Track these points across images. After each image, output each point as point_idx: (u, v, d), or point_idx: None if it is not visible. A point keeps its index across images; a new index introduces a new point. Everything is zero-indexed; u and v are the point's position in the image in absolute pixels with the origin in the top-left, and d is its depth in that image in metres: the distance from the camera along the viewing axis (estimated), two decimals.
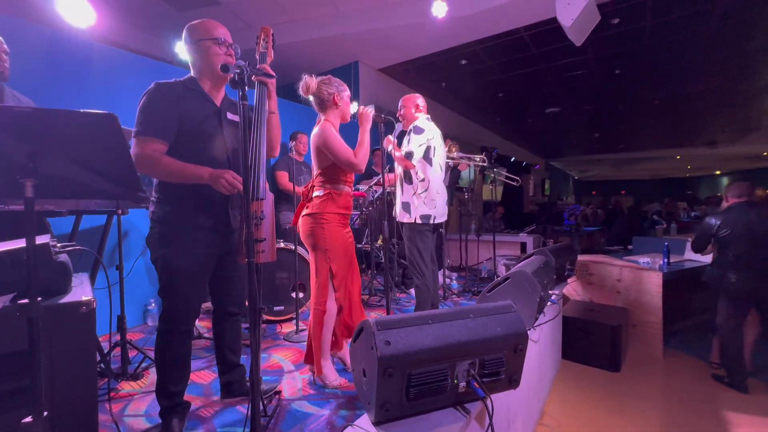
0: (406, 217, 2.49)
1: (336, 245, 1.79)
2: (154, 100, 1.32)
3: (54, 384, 1.03)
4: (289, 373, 2.01)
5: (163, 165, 1.28)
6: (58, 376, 1.04)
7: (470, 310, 1.31)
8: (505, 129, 9.99)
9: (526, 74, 5.88)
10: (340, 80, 1.87)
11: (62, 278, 1.13)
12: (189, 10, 4.13)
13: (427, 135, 2.43)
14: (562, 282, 3.08)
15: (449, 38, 4.57)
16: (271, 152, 1.60)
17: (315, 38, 4.47)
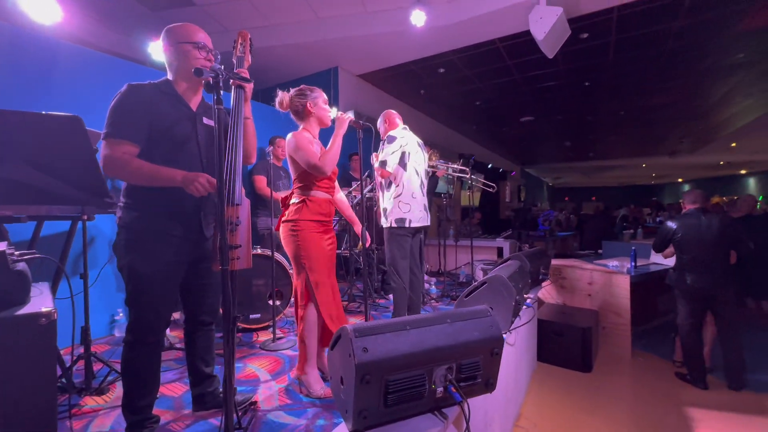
0: (384, 222, 2.56)
1: (311, 252, 1.77)
2: (126, 102, 1.27)
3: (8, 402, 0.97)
4: (265, 382, 1.96)
5: (134, 167, 1.24)
6: (14, 394, 0.98)
7: (447, 314, 1.32)
8: (482, 136, 10.24)
9: (501, 84, 6.07)
10: (312, 87, 1.88)
11: (19, 288, 1.06)
12: (163, 11, 4.02)
13: (400, 142, 2.52)
14: (536, 286, 3.17)
15: (428, 47, 4.66)
16: (247, 159, 1.58)
17: (294, 43, 4.45)
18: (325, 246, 1.82)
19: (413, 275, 2.81)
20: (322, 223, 1.83)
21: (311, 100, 1.85)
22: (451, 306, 3.42)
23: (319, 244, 1.80)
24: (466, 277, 4.60)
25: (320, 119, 1.87)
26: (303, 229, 1.77)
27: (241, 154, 1.42)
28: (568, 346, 3.23)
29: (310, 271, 1.77)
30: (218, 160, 1.04)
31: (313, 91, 1.86)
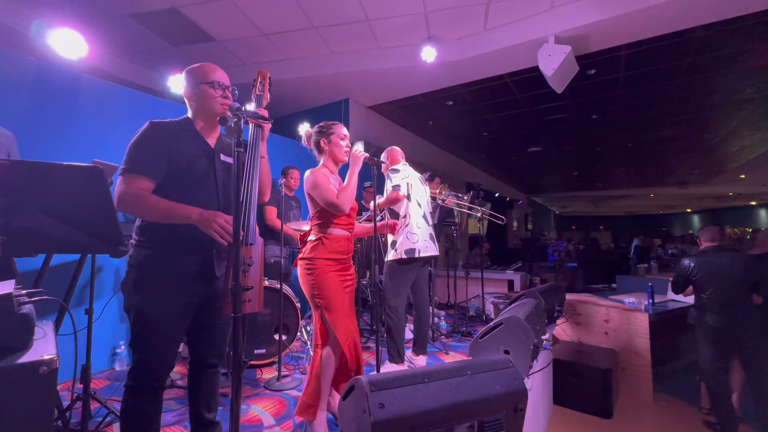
0: (391, 254, 2.56)
1: (327, 291, 1.72)
2: (146, 138, 1.28)
3: None
4: (269, 428, 1.85)
5: (149, 204, 1.22)
6: None
7: (467, 365, 1.24)
8: (490, 166, 10.30)
9: (510, 116, 6.15)
10: (331, 123, 1.88)
11: (23, 333, 1.02)
12: (184, 45, 4.19)
13: (403, 173, 2.62)
14: (552, 324, 3.05)
15: (437, 81, 4.77)
16: (261, 197, 1.56)
17: (307, 76, 4.58)
18: (341, 285, 1.77)
19: (421, 310, 2.74)
20: (340, 262, 1.79)
21: (325, 138, 1.86)
22: (463, 343, 3.29)
23: (336, 283, 1.74)
24: (476, 311, 4.46)
25: (334, 156, 1.87)
26: (319, 268, 1.72)
27: (257, 192, 1.41)
28: (586, 388, 3.06)
29: (326, 311, 1.71)
30: (234, 202, 1.01)
31: (330, 127, 1.87)
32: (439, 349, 3.09)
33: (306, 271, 1.74)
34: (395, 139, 6.27)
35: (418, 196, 2.69)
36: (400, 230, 2.57)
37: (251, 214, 1.35)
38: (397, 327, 2.50)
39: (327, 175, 1.79)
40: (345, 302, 1.77)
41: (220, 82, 1.44)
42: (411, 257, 2.52)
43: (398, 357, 2.52)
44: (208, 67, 1.46)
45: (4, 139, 1.67)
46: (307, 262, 1.75)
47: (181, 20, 3.74)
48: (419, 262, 2.63)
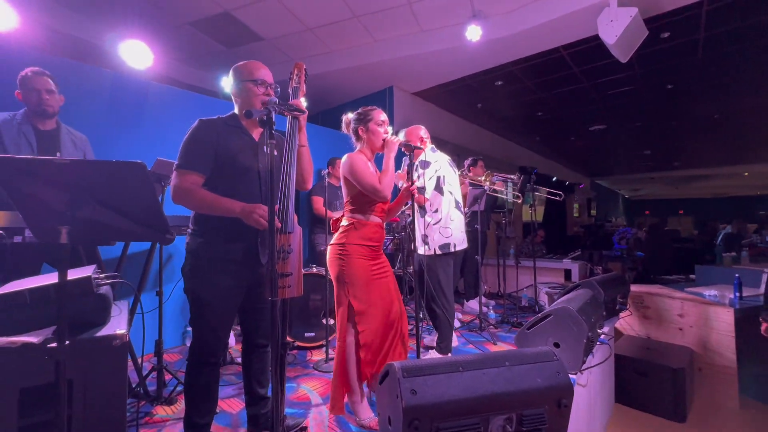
0: (424, 249, 2.47)
1: (356, 278, 1.73)
2: (195, 136, 1.38)
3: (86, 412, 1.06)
4: (316, 406, 1.96)
5: (198, 197, 1.33)
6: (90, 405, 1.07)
7: (506, 356, 1.20)
8: (546, 148, 9.64)
9: (567, 93, 5.67)
10: (369, 109, 1.87)
11: (101, 310, 1.18)
12: (237, 47, 4.44)
13: (434, 167, 2.47)
14: (612, 317, 2.81)
15: (484, 60, 4.53)
16: (303, 185, 1.62)
17: (351, 67, 4.61)
18: (370, 273, 1.77)
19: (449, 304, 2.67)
20: (371, 248, 1.80)
21: (363, 125, 1.86)
22: (512, 334, 3.17)
23: (365, 270, 1.75)
24: (528, 301, 4.26)
25: (371, 143, 1.86)
26: (350, 254, 1.75)
27: (294, 182, 1.46)
28: (655, 388, 2.79)
29: (353, 299, 1.73)
30: (270, 191, 1.06)
31: (367, 114, 1.86)
32: (487, 339, 3.01)
33: (336, 256, 1.76)
34: (441, 125, 6.11)
35: (451, 187, 2.53)
36: (431, 225, 2.46)
37: (289, 203, 1.41)
38: (445, 319, 2.46)
39: (365, 160, 1.80)
40: (373, 290, 1.75)
41: (263, 80, 1.50)
42: (446, 252, 2.44)
43: (446, 348, 2.50)
44: (253, 65, 1.53)
45: (80, 141, 1.93)
46: (338, 248, 1.77)
47: (233, 23, 3.95)
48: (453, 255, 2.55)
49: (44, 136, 1.81)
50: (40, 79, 1.82)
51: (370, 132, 1.84)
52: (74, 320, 1.10)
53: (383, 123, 1.86)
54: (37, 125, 1.83)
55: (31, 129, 1.81)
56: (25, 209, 0.70)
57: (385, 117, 1.88)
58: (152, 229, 0.82)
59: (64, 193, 0.69)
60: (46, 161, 0.67)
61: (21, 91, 1.80)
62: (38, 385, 0.99)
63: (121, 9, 3.51)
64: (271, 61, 4.84)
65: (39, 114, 1.82)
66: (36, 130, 1.82)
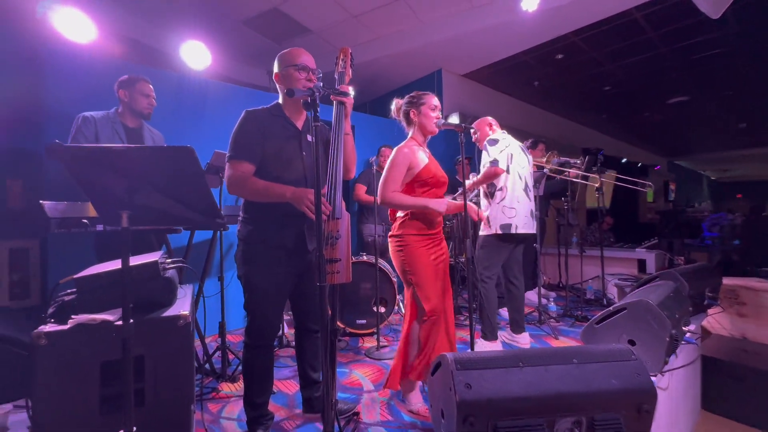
0: (486, 230, 2.43)
1: (417, 268, 1.70)
2: (243, 127, 1.42)
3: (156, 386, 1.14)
4: (368, 393, 1.96)
5: (250, 185, 1.36)
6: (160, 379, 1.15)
7: (574, 352, 1.07)
8: (614, 126, 8.73)
9: (640, 62, 5.04)
10: (422, 93, 1.81)
11: (167, 292, 1.26)
12: (286, 41, 4.55)
13: (502, 144, 2.41)
14: (700, 313, 2.46)
15: (541, 33, 4.16)
16: (347, 173, 1.60)
17: (397, 52, 4.50)
18: (431, 260, 1.72)
19: (514, 287, 2.54)
20: (429, 237, 1.75)
21: (415, 108, 1.79)
22: (576, 329, 2.92)
23: (426, 258, 1.71)
24: (595, 293, 3.91)
25: (423, 128, 1.79)
26: (409, 245, 1.71)
27: (342, 168, 1.44)
28: (751, 395, 2.41)
29: (418, 288, 1.71)
30: (316, 173, 1.04)
31: (420, 98, 1.80)
32: (548, 333, 2.81)
33: (396, 248, 1.75)
34: (495, 107, 5.79)
35: (520, 168, 2.47)
36: (494, 203, 2.40)
37: (337, 190, 1.39)
38: (487, 299, 2.39)
39: (408, 155, 1.72)
40: (436, 278, 1.72)
41: (304, 65, 1.49)
42: (507, 233, 2.35)
43: (490, 334, 2.39)
44: (295, 51, 1.52)
45: (158, 138, 2.10)
46: (397, 239, 1.75)
47: (281, 18, 4.05)
48: (515, 239, 2.42)
49: (132, 133, 2.01)
50: (148, 85, 2.03)
51: (422, 115, 1.77)
52: (143, 301, 1.19)
53: (436, 108, 1.79)
54: (127, 123, 2.02)
55: (121, 126, 2.00)
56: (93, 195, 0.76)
57: (438, 102, 1.81)
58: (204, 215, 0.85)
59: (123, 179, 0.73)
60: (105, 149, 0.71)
61: (127, 91, 1.98)
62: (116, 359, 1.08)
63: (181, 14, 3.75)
64: (319, 53, 4.89)
65: (145, 116, 2.03)
66: (126, 127, 2.01)
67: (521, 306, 2.55)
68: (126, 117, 2.01)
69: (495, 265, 2.44)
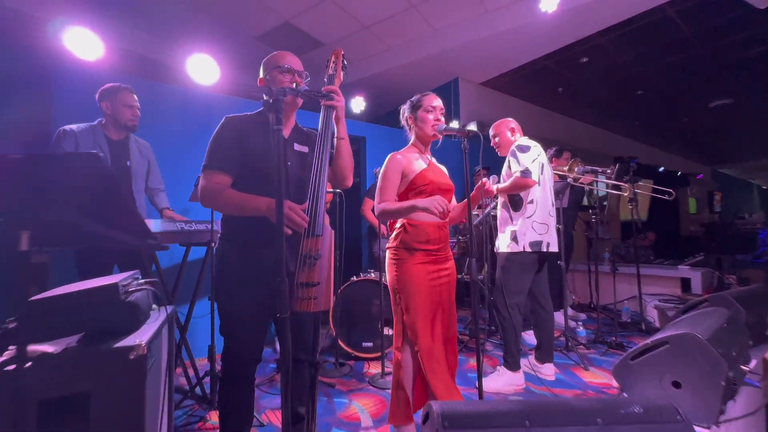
0: (507, 245, 2.17)
1: (409, 287, 1.50)
2: (220, 134, 1.30)
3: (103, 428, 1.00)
4: (365, 429, 1.75)
5: (224, 197, 1.23)
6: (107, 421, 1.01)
7: (599, 408, 0.84)
8: (649, 133, 8.19)
9: (675, 63, 4.67)
10: (422, 95, 1.65)
11: (129, 318, 1.13)
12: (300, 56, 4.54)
13: (534, 152, 2.15)
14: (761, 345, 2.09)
15: (563, 35, 3.93)
16: (343, 182, 1.45)
17: (411, 61, 4.39)
18: (428, 280, 1.52)
19: (542, 310, 2.27)
20: (429, 253, 1.55)
21: (412, 113, 1.64)
22: (610, 359, 2.58)
23: (421, 277, 1.51)
24: (631, 316, 3.52)
25: (420, 133, 1.64)
26: (403, 259, 1.53)
27: (325, 178, 1.29)
28: None
29: (406, 311, 1.50)
30: (278, 186, 0.89)
31: (419, 100, 1.64)
32: (576, 362, 2.49)
33: (391, 261, 1.58)
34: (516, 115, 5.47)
35: (549, 179, 2.29)
36: (522, 218, 2.15)
37: (319, 202, 1.24)
38: (512, 328, 2.11)
39: (401, 162, 1.56)
40: (430, 304, 1.51)
41: (289, 67, 1.37)
42: (537, 251, 2.11)
43: (514, 364, 2.12)
44: (280, 53, 1.42)
45: (144, 148, 2.04)
46: (392, 252, 1.58)
47: (294, 32, 4.05)
48: (545, 258, 2.19)
49: (115, 146, 1.95)
50: (131, 95, 1.97)
51: (419, 120, 1.62)
52: (99, 328, 1.06)
53: (434, 109, 1.61)
54: (110, 136, 1.95)
55: (104, 139, 1.93)
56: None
57: (438, 102, 1.63)
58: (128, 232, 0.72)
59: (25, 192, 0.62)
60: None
61: (109, 102, 1.92)
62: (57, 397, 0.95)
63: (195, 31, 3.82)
64: None
65: (129, 128, 1.96)
66: (109, 140, 1.95)
67: (551, 332, 2.27)
68: (109, 129, 1.94)
69: (522, 291, 2.16)
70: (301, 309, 1.14)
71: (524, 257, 2.12)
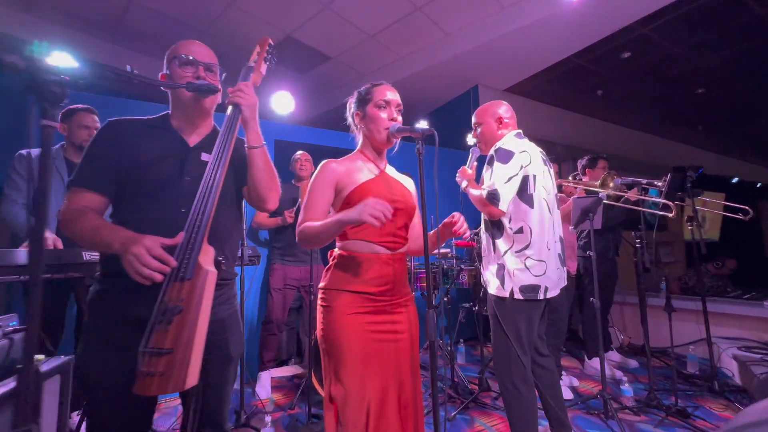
0: (496, 288, 1.58)
1: (336, 346, 1.10)
2: (96, 143, 1.04)
3: None
4: None
5: (80, 224, 0.94)
6: None
7: None
8: (715, 139, 7.08)
9: (745, 52, 3.88)
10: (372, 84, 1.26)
11: None
12: (308, 71, 4.41)
13: (519, 161, 1.55)
14: None
15: (596, 28, 3.39)
16: (261, 203, 1.12)
17: (423, 69, 4.05)
18: (366, 338, 1.10)
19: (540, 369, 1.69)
20: (369, 297, 1.13)
21: (360, 109, 1.26)
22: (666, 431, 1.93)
23: (353, 334, 1.10)
24: (699, 365, 2.76)
25: (370, 136, 1.25)
26: (331, 306, 1.13)
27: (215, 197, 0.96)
28: None
29: (333, 382, 1.10)
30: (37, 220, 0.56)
31: (367, 92, 1.25)
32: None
33: (318, 307, 1.18)
34: (547, 124, 4.96)
35: (545, 194, 1.62)
36: (510, 251, 1.55)
37: (198, 232, 0.91)
38: (519, 402, 1.52)
39: (335, 171, 1.17)
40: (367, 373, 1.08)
41: (188, 57, 1.08)
42: (530, 299, 1.52)
43: None
44: (183, 42, 1.14)
45: None
46: (321, 294, 1.18)
47: (299, 47, 3.90)
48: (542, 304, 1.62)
49: None
50: (89, 116, 1.91)
51: (368, 119, 1.23)
52: None
53: (388, 104, 1.21)
54: (71, 158, 1.90)
55: (64, 162, 1.88)
56: None
57: (393, 95, 1.23)
58: None
59: None
60: None
61: (65, 125, 1.88)
62: None
63: None
64: (344, 80, 4.66)
65: None
66: (69, 163, 1.89)
67: (558, 396, 1.65)
68: (69, 152, 1.90)
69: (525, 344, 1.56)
70: (139, 391, 0.79)
71: (516, 305, 1.53)
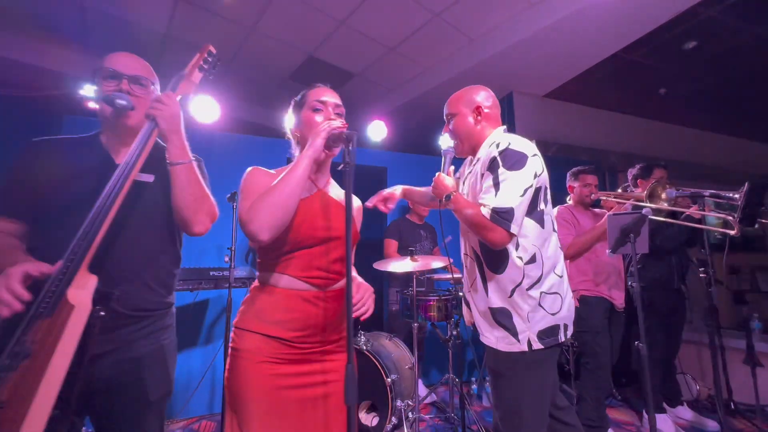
0: (504, 343, 1.17)
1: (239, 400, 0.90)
2: (17, 164, 1.00)
3: None
4: None
5: None
6: None
7: None
8: None
9: None
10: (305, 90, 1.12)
11: None
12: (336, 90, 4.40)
13: (533, 167, 1.15)
14: None
15: (649, 14, 2.91)
16: (186, 226, 1.01)
17: (449, 79, 3.81)
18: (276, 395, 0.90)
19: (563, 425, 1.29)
20: (284, 343, 0.93)
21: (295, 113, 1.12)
22: None
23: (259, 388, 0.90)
24: None
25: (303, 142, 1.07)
26: (239, 351, 0.93)
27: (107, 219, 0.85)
28: None
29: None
30: None
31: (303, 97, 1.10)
32: None
33: (230, 346, 0.98)
34: (597, 129, 4.41)
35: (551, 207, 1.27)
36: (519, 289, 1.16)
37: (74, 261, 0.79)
38: None
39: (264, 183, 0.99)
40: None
41: (113, 70, 1.02)
42: (551, 345, 1.15)
43: None
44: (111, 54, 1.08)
45: None
46: (233, 336, 0.99)
47: (321, 66, 3.91)
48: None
49: None
50: None
51: (302, 125, 1.07)
52: None
53: (324, 105, 1.05)
54: None
55: None
56: None
57: (330, 97, 1.07)
58: None
59: None
60: None
61: None
62: None
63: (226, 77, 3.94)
64: (370, 96, 4.57)
65: None
66: None
67: None
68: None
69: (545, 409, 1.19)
70: None
71: (536, 356, 1.14)
